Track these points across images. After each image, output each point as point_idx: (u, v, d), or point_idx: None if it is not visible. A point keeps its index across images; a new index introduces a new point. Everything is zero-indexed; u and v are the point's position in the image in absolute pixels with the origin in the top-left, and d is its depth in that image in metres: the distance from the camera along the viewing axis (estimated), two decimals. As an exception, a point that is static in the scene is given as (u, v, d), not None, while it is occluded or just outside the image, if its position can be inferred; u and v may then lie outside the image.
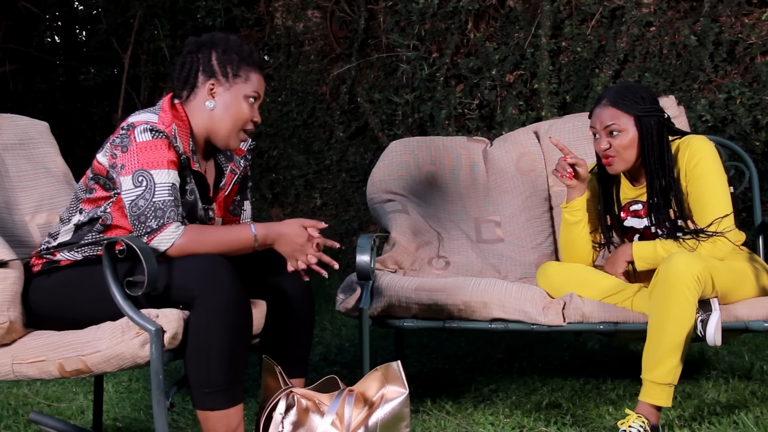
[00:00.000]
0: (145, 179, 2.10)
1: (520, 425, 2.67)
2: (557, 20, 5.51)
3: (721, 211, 2.55)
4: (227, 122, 2.23)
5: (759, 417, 2.57)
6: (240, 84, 2.23)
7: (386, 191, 3.25)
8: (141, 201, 2.09)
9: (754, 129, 4.68)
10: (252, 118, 2.26)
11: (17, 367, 2.08)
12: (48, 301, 2.17)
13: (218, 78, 2.23)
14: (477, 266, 3.09)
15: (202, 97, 2.23)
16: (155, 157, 2.12)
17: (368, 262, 2.60)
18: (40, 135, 2.66)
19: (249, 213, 2.49)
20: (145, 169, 2.11)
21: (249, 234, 2.16)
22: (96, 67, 7.41)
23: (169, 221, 2.09)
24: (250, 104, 2.24)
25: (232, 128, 2.24)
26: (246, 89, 2.23)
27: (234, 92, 2.23)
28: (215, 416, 2.04)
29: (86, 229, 2.22)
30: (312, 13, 6.64)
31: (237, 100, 2.23)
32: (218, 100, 2.23)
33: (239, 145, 2.29)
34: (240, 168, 2.40)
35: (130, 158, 2.12)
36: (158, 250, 2.08)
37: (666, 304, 2.34)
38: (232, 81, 2.23)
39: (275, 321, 2.32)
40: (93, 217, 2.21)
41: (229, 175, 2.37)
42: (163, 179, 2.11)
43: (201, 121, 2.24)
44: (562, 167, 2.68)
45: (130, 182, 2.11)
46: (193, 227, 2.13)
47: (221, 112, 2.23)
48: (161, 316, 2.01)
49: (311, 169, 6.29)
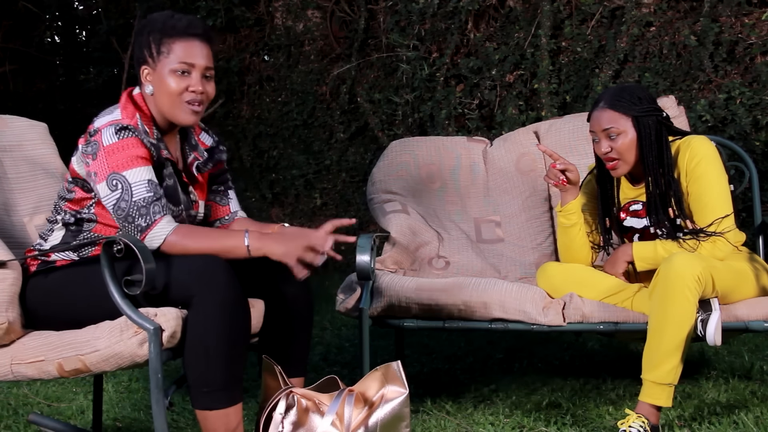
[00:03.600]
0: (119, 182, 2.11)
1: (520, 425, 2.67)
2: (557, 20, 5.51)
3: (721, 211, 2.55)
4: (164, 101, 2.22)
5: (759, 417, 2.57)
6: (163, 60, 2.20)
7: (386, 191, 3.24)
8: (122, 203, 2.10)
9: (754, 129, 4.68)
10: (187, 88, 2.20)
11: (16, 368, 2.08)
12: (46, 302, 2.17)
13: (147, 61, 2.22)
14: (477, 266, 3.08)
15: (143, 83, 2.24)
16: (124, 157, 2.12)
17: (368, 262, 2.60)
18: (39, 136, 2.66)
19: (236, 202, 2.49)
20: (117, 171, 2.11)
21: (241, 239, 2.14)
22: (96, 68, 7.41)
23: (157, 216, 2.09)
24: (179, 76, 2.20)
25: (170, 105, 2.21)
26: (169, 63, 2.19)
27: (159, 71, 2.20)
28: (214, 415, 2.04)
29: (76, 230, 2.22)
30: (312, 13, 6.64)
31: (163, 77, 2.20)
32: (152, 83, 2.22)
33: (191, 118, 2.23)
34: (203, 156, 2.38)
35: (101, 164, 2.13)
36: (152, 247, 2.08)
37: (666, 304, 2.34)
38: (156, 60, 2.20)
39: (274, 320, 2.32)
40: (79, 218, 2.22)
41: (191, 160, 2.36)
42: (137, 177, 2.11)
43: (152, 107, 2.24)
44: (554, 174, 2.70)
45: (106, 188, 2.12)
46: (185, 225, 2.15)
47: (157, 94, 2.22)
48: (160, 315, 2.01)
49: (311, 169, 6.29)
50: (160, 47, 2.20)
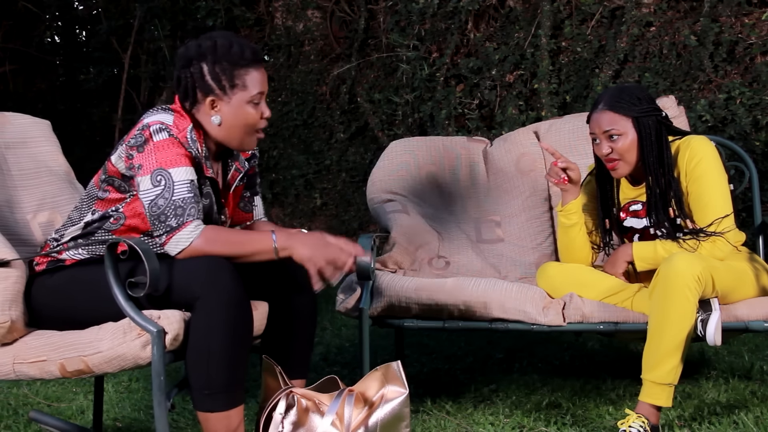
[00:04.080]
0: (164, 178, 2.09)
1: (520, 425, 2.67)
2: (557, 20, 5.51)
3: (721, 211, 2.55)
4: (238, 131, 2.21)
5: (759, 417, 2.57)
6: (239, 92, 2.18)
7: (386, 191, 3.25)
8: (161, 200, 2.08)
9: (754, 129, 4.68)
10: (261, 116, 2.23)
11: (18, 367, 2.08)
12: (50, 301, 2.16)
13: (216, 93, 2.18)
14: (477, 266, 3.09)
15: (206, 111, 2.20)
16: (173, 154, 2.11)
17: (368, 262, 2.60)
18: (42, 134, 2.65)
19: (261, 209, 2.48)
20: (164, 167, 2.09)
21: (269, 240, 2.13)
22: (96, 68, 7.41)
23: (189, 219, 2.08)
24: (255, 106, 2.21)
25: (244, 135, 2.22)
26: (247, 95, 2.19)
27: (236, 102, 2.19)
28: (215, 417, 2.04)
29: (96, 226, 2.21)
30: (312, 13, 6.64)
31: (241, 108, 2.19)
32: (222, 113, 2.20)
33: (255, 144, 2.27)
34: (244, 167, 2.38)
35: (148, 158, 2.11)
36: (176, 249, 2.07)
37: (666, 304, 2.34)
38: (230, 92, 2.18)
39: (277, 323, 2.31)
40: (104, 215, 2.20)
41: (233, 173, 2.36)
42: (181, 177, 2.10)
43: (211, 130, 2.22)
44: (555, 173, 2.70)
45: (149, 182, 2.10)
46: (212, 228, 2.12)
47: (229, 124, 2.20)
48: (163, 318, 2.01)
49: (311, 169, 6.29)
50: (234, 80, 2.17)
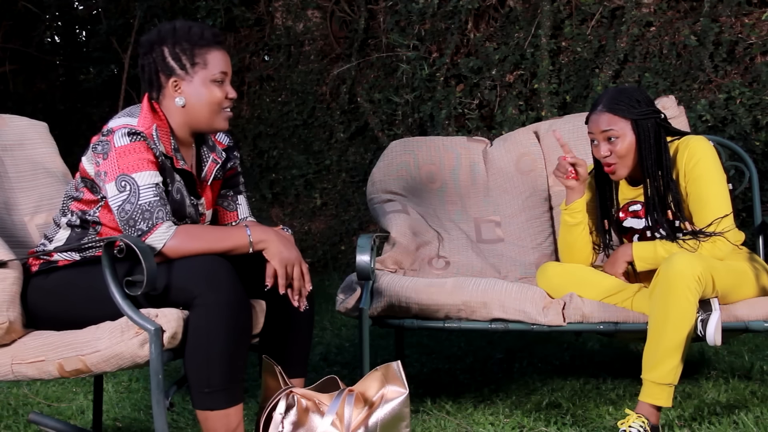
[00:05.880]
0: (128, 183, 2.11)
1: (520, 425, 2.67)
2: (557, 20, 5.51)
3: (720, 211, 2.55)
4: (203, 111, 2.22)
5: (759, 417, 2.57)
6: (200, 71, 2.21)
7: (386, 191, 3.24)
8: (127, 205, 2.10)
9: (754, 129, 4.68)
10: (226, 96, 2.23)
11: (17, 367, 2.08)
12: (47, 301, 2.17)
13: (178, 73, 2.21)
14: (477, 266, 3.08)
15: (171, 95, 2.22)
16: (135, 159, 2.12)
17: (368, 262, 2.60)
18: (39, 135, 2.66)
19: (246, 208, 2.47)
20: (127, 173, 2.11)
21: (243, 234, 2.15)
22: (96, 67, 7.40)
23: (158, 221, 2.09)
24: (219, 85, 2.22)
25: (209, 114, 2.23)
26: (208, 74, 2.21)
27: (197, 81, 2.21)
28: (215, 416, 2.04)
29: (82, 233, 2.22)
30: (312, 13, 6.64)
31: (203, 87, 2.21)
32: (186, 94, 2.22)
33: (226, 124, 2.27)
34: (222, 157, 2.38)
35: (111, 164, 2.13)
36: (155, 250, 2.08)
37: (666, 304, 2.34)
38: (192, 71, 2.20)
39: (275, 321, 2.31)
40: (84, 220, 2.22)
41: (210, 164, 2.36)
42: (145, 181, 2.11)
43: (178, 117, 2.24)
44: (564, 168, 2.68)
45: (114, 188, 2.11)
46: (185, 227, 2.13)
47: (193, 104, 2.22)
48: (161, 316, 2.01)
49: (311, 169, 6.29)
50: (194, 58, 2.20)
